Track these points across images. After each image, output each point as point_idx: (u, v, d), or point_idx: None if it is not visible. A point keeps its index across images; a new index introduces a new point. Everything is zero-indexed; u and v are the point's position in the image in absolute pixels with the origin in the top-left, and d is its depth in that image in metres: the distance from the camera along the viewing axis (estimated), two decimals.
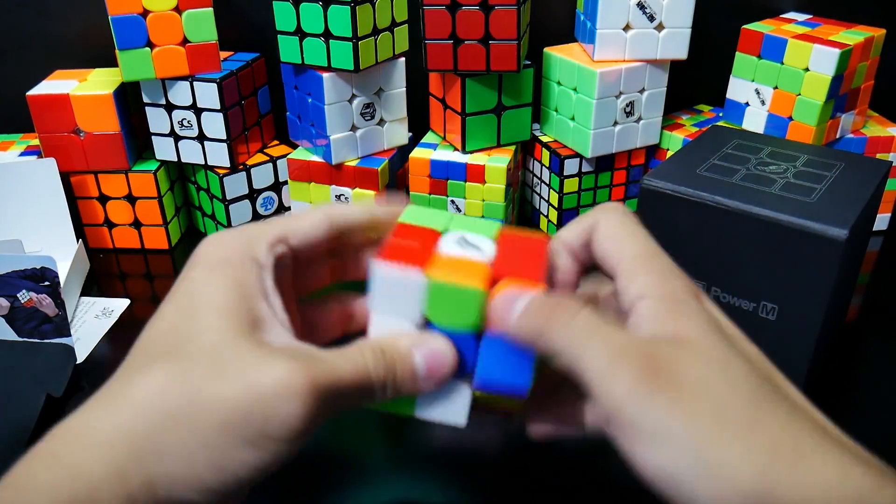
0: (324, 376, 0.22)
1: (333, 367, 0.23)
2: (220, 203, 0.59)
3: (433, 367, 0.25)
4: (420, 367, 0.24)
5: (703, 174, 0.41)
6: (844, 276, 0.39)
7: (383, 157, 0.58)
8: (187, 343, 0.23)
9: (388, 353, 0.24)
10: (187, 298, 0.24)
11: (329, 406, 0.23)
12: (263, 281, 0.25)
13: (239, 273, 0.24)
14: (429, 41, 0.53)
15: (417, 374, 0.25)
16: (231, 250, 0.25)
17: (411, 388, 0.25)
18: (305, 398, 0.22)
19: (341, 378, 0.23)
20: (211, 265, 0.25)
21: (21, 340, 0.46)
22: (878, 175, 0.41)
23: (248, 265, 0.25)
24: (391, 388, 0.24)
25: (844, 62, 0.53)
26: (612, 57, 0.56)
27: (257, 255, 0.25)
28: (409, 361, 0.24)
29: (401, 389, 0.24)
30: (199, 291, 0.24)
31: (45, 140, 0.56)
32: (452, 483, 0.38)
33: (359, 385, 0.23)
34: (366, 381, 0.23)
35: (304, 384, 0.22)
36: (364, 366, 0.24)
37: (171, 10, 0.53)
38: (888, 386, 0.45)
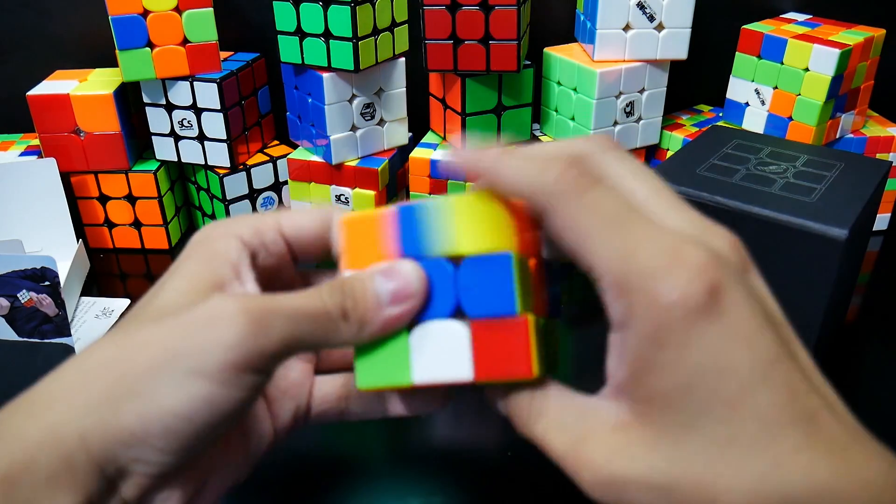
0: (260, 303, 0.21)
1: (276, 297, 0.22)
2: (221, 203, 0.59)
3: (399, 288, 0.23)
4: (383, 289, 0.23)
5: (703, 174, 0.41)
6: (844, 276, 0.39)
7: (383, 157, 0.58)
8: (144, 305, 0.23)
9: (346, 281, 0.23)
10: (166, 275, 0.24)
11: (276, 335, 0.21)
12: (239, 254, 0.24)
13: (214, 246, 0.24)
14: (429, 41, 0.53)
15: (381, 298, 0.23)
16: (216, 230, 0.25)
17: (377, 314, 0.23)
18: (235, 321, 0.20)
19: (282, 304, 0.21)
20: (191, 245, 0.24)
21: (21, 340, 0.46)
22: (878, 175, 0.41)
23: (226, 240, 0.24)
24: (354, 316, 0.22)
25: (844, 62, 0.53)
26: (612, 57, 0.56)
27: (241, 233, 0.24)
28: (370, 285, 0.23)
29: (366, 317, 0.23)
30: (175, 265, 0.24)
31: (46, 140, 0.56)
32: (452, 483, 0.38)
33: (311, 314, 0.22)
34: (319, 311, 0.22)
35: (233, 309, 0.21)
36: (317, 294, 0.22)
37: (172, 10, 0.53)
38: (888, 386, 0.45)
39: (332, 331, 0.22)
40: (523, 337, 0.22)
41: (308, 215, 0.26)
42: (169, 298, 0.22)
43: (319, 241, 0.26)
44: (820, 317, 0.37)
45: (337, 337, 0.22)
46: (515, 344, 0.22)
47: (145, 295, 0.24)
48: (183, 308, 0.21)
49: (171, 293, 0.22)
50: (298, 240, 0.26)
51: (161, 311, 0.22)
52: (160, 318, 0.21)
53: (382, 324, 0.23)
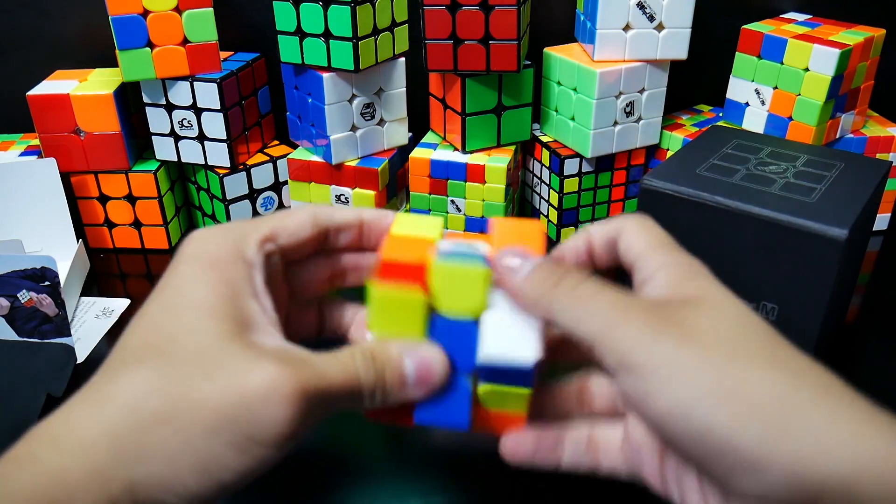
0: (313, 380, 0.22)
1: (323, 371, 0.23)
2: (220, 203, 0.59)
3: (423, 372, 0.24)
4: (410, 372, 0.24)
5: (703, 174, 0.41)
6: (844, 276, 0.39)
7: (383, 157, 0.58)
8: (173, 343, 0.22)
9: (378, 358, 0.24)
10: (174, 297, 0.23)
11: (317, 410, 0.22)
12: (253, 280, 0.24)
13: (228, 272, 0.24)
14: (429, 41, 0.53)
15: (407, 380, 0.24)
16: (220, 248, 0.24)
17: (400, 394, 0.24)
18: (293, 402, 0.21)
19: (331, 383, 0.23)
20: (199, 262, 0.24)
21: (21, 340, 0.46)
22: (878, 175, 0.41)
23: (237, 264, 0.24)
24: (380, 393, 0.24)
25: (844, 62, 0.53)
26: (612, 57, 0.56)
27: (246, 253, 0.25)
28: (399, 366, 0.24)
29: (390, 395, 0.24)
30: (187, 290, 0.23)
31: (46, 140, 0.56)
32: (452, 483, 0.38)
33: (348, 390, 0.23)
34: (355, 386, 0.23)
35: (292, 388, 0.21)
36: (354, 370, 0.23)
37: (172, 10, 0.53)
38: (888, 386, 0.45)
39: (360, 404, 0.24)
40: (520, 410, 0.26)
41: (300, 219, 0.27)
42: (203, 342, 0.22)
43: (312, 243, 0.28)
44: (820, 317, 0.37)
45: (361, 407, 0.24)
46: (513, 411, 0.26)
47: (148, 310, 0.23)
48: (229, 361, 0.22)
49: (202, 335, 0.22)
50: (291, 246, 0.27)
51: (202, 358, 0.22)
52: (208, 372, 0.21)
53: (402, 400, 0.25)
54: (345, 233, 0.28)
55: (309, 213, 0.27)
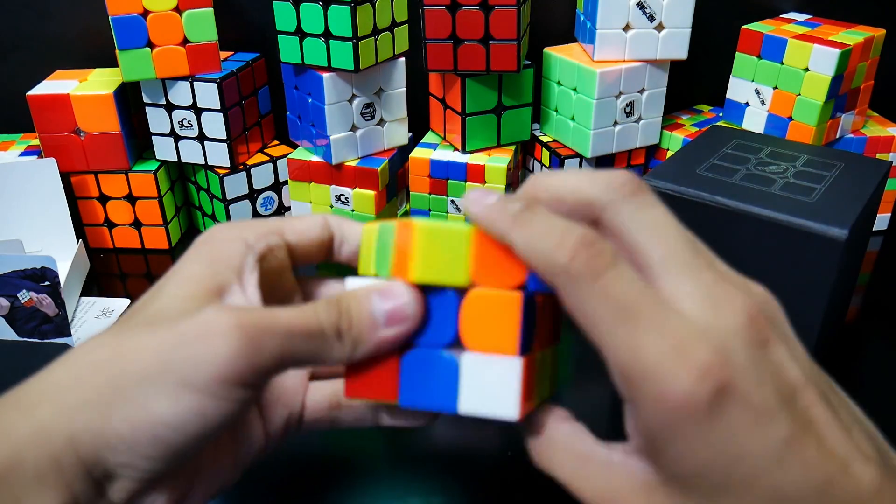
0: (255, 318, 0.21)
1: (272, 311, 0.22)
2: (220, 203, 0.59)
3: (394, 310, 0.23)
4: (379, 310, 0.22)
5: (703, 174, 0.41)
6: (844, 276, 0.39)
7: (383, 157, 0.58)
8: (141, 307, 0.23)
9: (343, 299, 0.23)
10: (169, 273, 0.23)
11: (268, 350, 0.21)
12: (243, 257, 0.24)
13: (217, 249, 0.24)
14: (429, 41, 0.53)
15: (376, 319, 0.23)
16: (222, 232, 0.25)
17: (371, 335, 0.23)
18: (228, 336, 0.20)
19: (278, 320, 0.21)
20: (198, 243, 0.24)
21: (21, 340, 0.46)
22: (878, 175, 0.41)
23: (230, 243, 0.24)
24: (349, 336, 0.22)
25: (844, 62, 0.53)
26: (612, 57, 0.56)
27: (246, 237, 0.24)
28: (367, 305, 0.23)
29: (360, 339, 0.23)
30: (177, 267, 0.24)
31: (46, 140, 0.56)
32: (452, 483, 0.38)
33: (305, 331, 0.22)
34: (314, 328, 0.22)
35: (227, 324, 0.20)
36: (312, 311, 0.22)
37: (172, 10, 0.53)
38: (888, 386, 0.45)
39: (326, 349, 0.22)
40: (514, 380, 0.22)
41: (309, 221, 0.27)
42: (166, 303, 0.22)
43: (320, 247, 0.27)
44: (820, 317, 0.37)
45: (330, 355, 0.22)
46: (505, 386, 0.22)
47: (144, 295, 0.24)
48: (179, 315, 0.21)
49: (169, 298, 0.22)
50: (300, 246, 0.26)
51: (157, 315, 0.22)
52: (155, 324, 0.21)
53: (376, 344, 0.23)
54: (347, 245, 0.27)
55: (320, 217, 0.27)
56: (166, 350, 0.21)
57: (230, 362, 0.20)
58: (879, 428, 0.21)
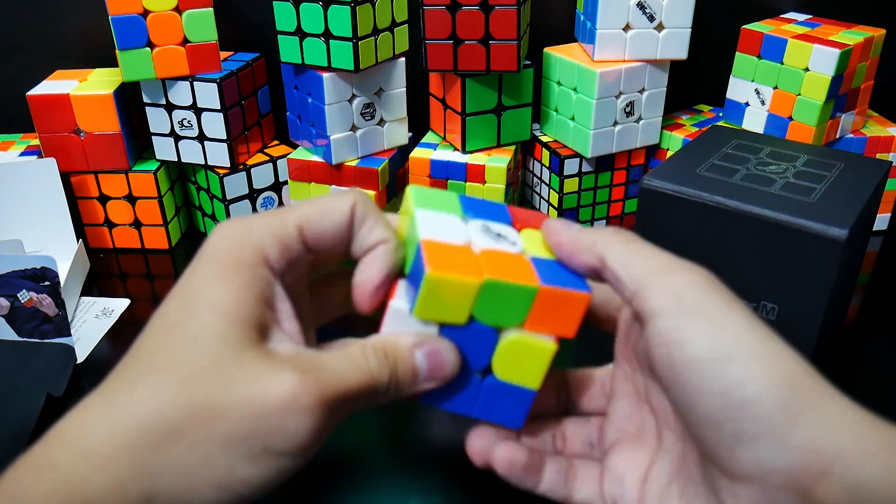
0: (331, 387, 0.22)
1: (340, 376, 0.23)
2: (220, 203, 0.59)
3: (435, 366, 0.25)
4: (422, 366, 0.24)
5: (703, 174, 0.41)
6: (844, 276, 0.39)
7: (383, 157, 0.58)
8: (189, 349, 0.22)
9: (389, 353, 0.24)
10: (193, 298, 0.23)
11: (337, 414, 0.23)
12: (274, 288, 0.24)
13: (248, 276, 0.23)
14: (429, 41, 0.53)
15: (419, 374, 0.25)
16: (242, 248, 0.23)
17: (412, 387, 0.25)
18: (314, 412, 0.21)
19: (349, 387, 0.23)
20: (220, 264, 0.23)
21: (21, 340, 0.46)
22: (878, 175, 0.41)
23: (259, 268, 0.23)
24: (394, 389, 0.24)
25: (844, 62, 0.53)
26: (612, 57, 0.56)
27: (270, 256, 0.24)
28: (411, 361, 0.24)
29: (402, 390, 0.25)
30: (205, 291, 0.23)
31: (46, 140, 0.56)
32: (452, 483, 0.38)
33: (365, 391, 0.23)
34: (370, 386, 0.23)
35: (312, 399, 0.21)
36: (368, 370, 0.23)
37: (172, 10, 0.53)
38: (888, 386, 0.45)
39: (374, 399, 0.24)
40: (527, 405, 0.27)
41: (330, 220, 0.25)
42: (214, 348, 0.22)
43: (340, 247, 0.26)
44: (820, 317, 0.37)
45: (374, 403, 0.24)
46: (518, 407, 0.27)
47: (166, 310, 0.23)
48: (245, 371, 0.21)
49: (214, 341, 0.22)
50: (320, 245, 0.25)
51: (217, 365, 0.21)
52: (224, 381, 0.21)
53: (415, 394, 0.25)
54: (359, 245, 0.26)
55: (347, 204, 0.25)
56: (249, 420, 0.21)
57: (313, 435, 0.22)
58: None
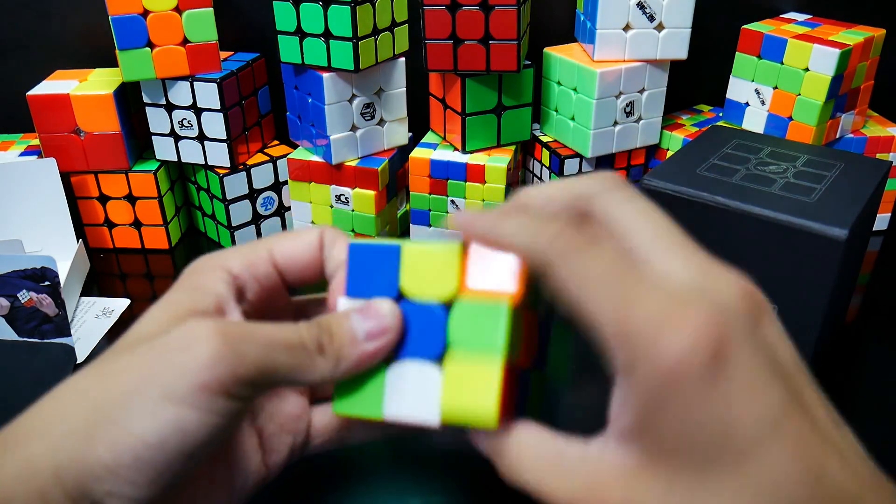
0: (236, 327, 0.21)
1: (253, 324, 0.22)
2: (220, 203, 0.59)
3: (375, 327, 0.23)
4: (359, 326, 0.23)
5: (703, 174, 0.41)
6: (844, 276, 0.39)
7: (383, 157, 0.58)
8: (127, 335, 0.23)
9: (324, 318, 0.23)
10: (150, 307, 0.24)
11: (250, 360, 0.21)
12: (227, 286, 0.24)
13: (199, 279, 0.24)
14: (429, 41, 0.53)
15: (356, 334, 0.23)
16: (205, 261, 0.25)
17: (353, 350, 0.23)
18: (209, 344, 0.20)
19: (258, 330, 0.22)
20: (181, 276, 0.25)
21: (21, 340, 0.46)
22: (878, 175, 0.41)
23: (212, 273, 0.24)
24: (331, 350, 0.23)
25: (844, 62, 0.53)
26: (612, 57, 0.56)
27: (230, 266, 0.25)
28: (346, 321, 0.23)
29: (342, 352, 0.23)
30: (162, 298, 0.24)
31: (46, 140, 0.56)
32: (452, 483, 0.38)
33: (286, 343, 0.22)
34: (295, 342, 0.22)
35: (208, 332, 0.21)
36: (294, 328, 0.22)
37: (172, 10, 0.53)
38: (888, 386, 0.45)
39: (309, 364, 0.22)
40: (491, 388, 0.22)
41: (302, 241, 0.26)
42: (148, 327, 0.23)
43: (312, 268, 0.26)
44: (820, 317, 0.37)
45: (313, 370, 0.23)
46: (482, 395, 0.22)
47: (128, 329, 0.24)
48: (160, 333, 0.22)
49: (151, 321, 0.23)
50: (291, 269, 0.26)
51: (139, 338, 0.22)
52: (136, 345, 0.22)
53: (358, 359, 0.23)
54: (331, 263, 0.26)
55: (315, 233, 0.26)
56: (147, 364, 0.21)
57: (210, 368, 0.20)
58: (880, 428, 0.21)
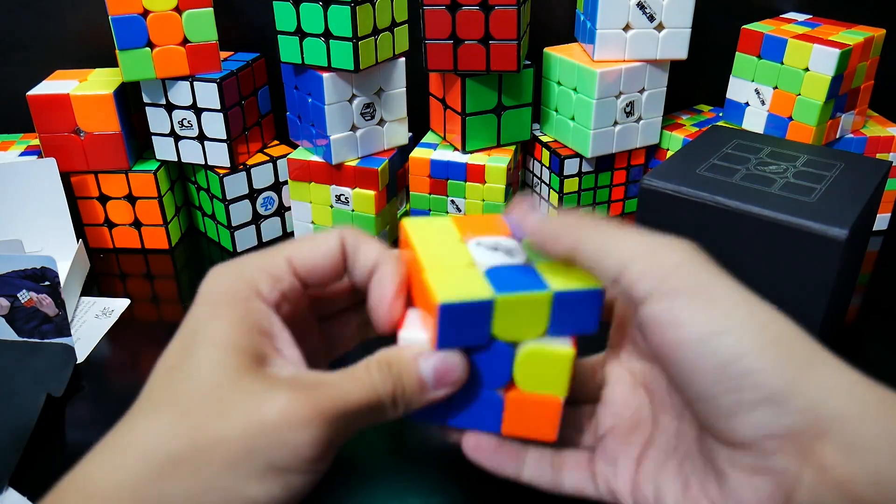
0: (330, 400, 0.22)
1: (340, 390, 0.23)
2: (220, 203, 0.59)
3: (441, 373, 0.24)
4: (427, 374, 0.24)
5: (703, 174, 0.41)
6: (844, 276, 0.39)
7: (383, 157, 0.57)
8: (187, 381, 0.22)
9: (393, 365, 0.24)
10: (190, 336, 0.23)
11: (341, 429, 0.22)
12: (269, 317, 0.24)
13: (241, 309, 0.23)
14: (429, 41, 0.53)
15: (426, 383, 0.24)
16: (234, 284, 0.24)
17: (421, 398, 0.24)
18: (312, 425, 0.21)
19: (348, 400, 0.23)
20: (215, 301, 0.24)
21: (21, 340, 0.46)
22: (878, 175, 0.41)
23: (251, 301, 0.24)
24: (401, 400, 0.24)
25: (844, 62, 0.53)
26: (612, 57, 0.56)
27: (262, 289, 0.24)
28: (415, 370, 0.24)
29: (411, 401, 0.24)
30: (202, 328, 0.23)
31: (46, 140, 0.56)
32: (452, 483, 0.38)
33: (368, 404, 0.23)
34: (374, 399, 0.23)
35: (309, 411, 0.21)
36: (370, 383, 0.23)
37: (172, 10, 0.53)
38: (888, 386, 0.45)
39: (383, 415, 0.24)
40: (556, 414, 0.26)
41: (320, 249, 0.26)
42: (215, 378, 0.22)
43: (334, 275, 0.26)
44: (820, 317, 0.37)
45: (385, 419, 0.24)
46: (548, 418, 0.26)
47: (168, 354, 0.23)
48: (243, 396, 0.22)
49: (215, 371, 0.22)
50: (312, 277, 0.26)
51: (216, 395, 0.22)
52: (222, 408, 0.21)
53: (425, 404, 0.25)
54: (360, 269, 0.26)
55: (335, 237, 0.26)
56: (249, 439, 0.21)
57: (315, 448, 0.22)
58: None
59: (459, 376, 0.25)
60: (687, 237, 0.40)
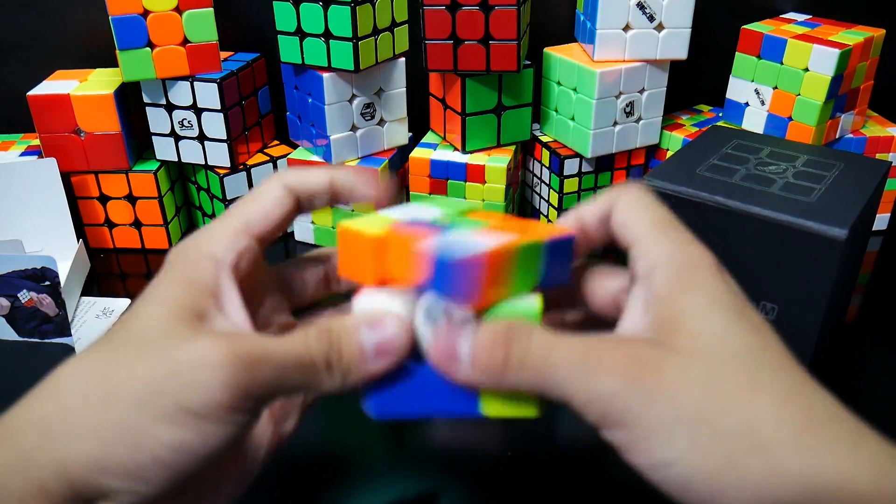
0: (249, 346, 0.22)
1: (265, 342, 0.22)
2: (221, 203, 0.59)
3: (383, 343, 0.23)
4: (368, 343, 0.23)
5: (703, 174, 0.41)
6: (844, 276, 0.39)
7: (383, 157, 0.58)
8: (122, 330, 0.22)
9: (334, 331, 0.23)
10: (139, 299, 0.24)
11: (260, 379, 0.21)
12: (218, 278, 0.24)
13: (189, 270, 0.24)
14: (429, 41, 0.53)
15: (365, 352, 0.23)
16: (188, 250, 0.25)
17: (360, 367, 0.23)
18: (224, 366, 0.21)
19: (270, 350, 0.22)
20: (167, 267, 0.24)
21: (21, 340, 0.46)
22: (878, 175, 0.41)
23: (202, 263, 0.24)
24: (338, 367, 0.23)
25: (844, 62, 0.53)
26: (611, 57, 0.56)
27: (215, 252, 0.25)
28: (356, 338, 0.23)
29: (349, 370, 0.23)
30: (151, 288, 0.24)
31: (46, 140, 0.56)
32: (452, 483, 0.38)
33: (297, 362, 0.22)
34: (304, 357, 0.22)
35: (224, 354, 0.21)
36: (303, 342, 0.22)
37: (172, 10, 0.53)
38: (888, 386, 0.45)
39: (316, 380, 0.23)
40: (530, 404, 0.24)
41: (266, 202, 0.26)
42: (147, 324, 0.22)
43: (282, 224, 0.27)
44: (820, 317, 0.37)
45: (320, 386, 0.23)
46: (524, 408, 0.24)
47: (121, 317, 0.24)
48: (166, 340, 0.22)
49: (149, 319, 0.22)
50: (265, 232, 0.26)
51: (142, 339, 0.22)
52: (142, 348, 0.21)
53: (364, 376, 0.23)
54: (318, 199, 0.27)
55: (279, 187, 0.26)
56: (160, 377, 0.21)
57: (225, 391, 0.21)
58: (880, 428, 0.21)
59: (402, 343, 0.23)
60: None
